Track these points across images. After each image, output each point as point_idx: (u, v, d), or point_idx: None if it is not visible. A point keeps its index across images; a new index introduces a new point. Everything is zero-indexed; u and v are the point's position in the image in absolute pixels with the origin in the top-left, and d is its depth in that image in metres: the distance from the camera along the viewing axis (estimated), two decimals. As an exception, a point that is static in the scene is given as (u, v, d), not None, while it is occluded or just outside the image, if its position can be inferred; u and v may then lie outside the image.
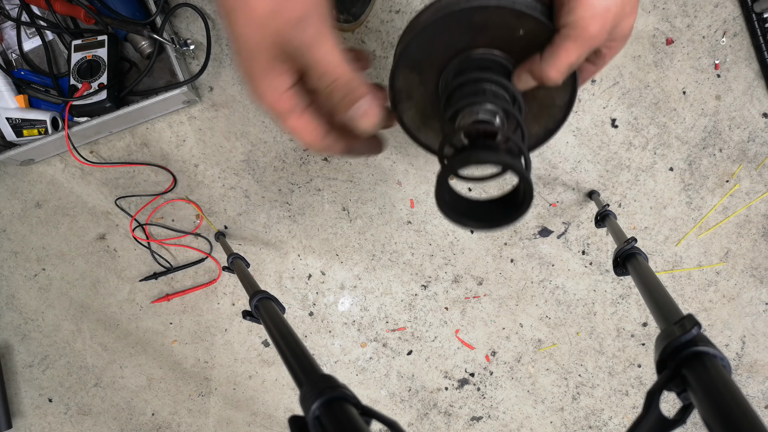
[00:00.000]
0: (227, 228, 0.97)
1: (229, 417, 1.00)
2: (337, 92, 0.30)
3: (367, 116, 0.31)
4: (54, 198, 0.98)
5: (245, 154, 0.95)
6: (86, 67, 0.86)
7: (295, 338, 0.40)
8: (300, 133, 0.34)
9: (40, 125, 0.89)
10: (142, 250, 0.98)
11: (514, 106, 0.37)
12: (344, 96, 0.30)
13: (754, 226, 0.91)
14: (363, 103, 0.30)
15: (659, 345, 0.33)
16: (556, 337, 0.96)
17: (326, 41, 0.29)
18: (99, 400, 1.01)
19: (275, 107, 0.32)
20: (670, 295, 0.42)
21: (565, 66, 0.33)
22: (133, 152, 0.96)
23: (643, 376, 0.96)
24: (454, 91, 0.36)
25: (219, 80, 0.94)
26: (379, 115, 0.31)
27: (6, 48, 0.93)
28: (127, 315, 0.99)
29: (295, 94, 0.32)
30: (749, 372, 0.95)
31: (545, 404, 0.97)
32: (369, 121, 0.31)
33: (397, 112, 0.41)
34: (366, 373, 0.98)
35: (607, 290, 0.94)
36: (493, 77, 0.36)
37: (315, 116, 0.34)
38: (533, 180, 0.92)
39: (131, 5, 0.87)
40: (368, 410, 0.28)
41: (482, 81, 0.36)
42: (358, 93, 0.30)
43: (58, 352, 1.00)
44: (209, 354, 0.99)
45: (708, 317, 0.94)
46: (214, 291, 0.98)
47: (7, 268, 1.00)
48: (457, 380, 0.97)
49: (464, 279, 0.95)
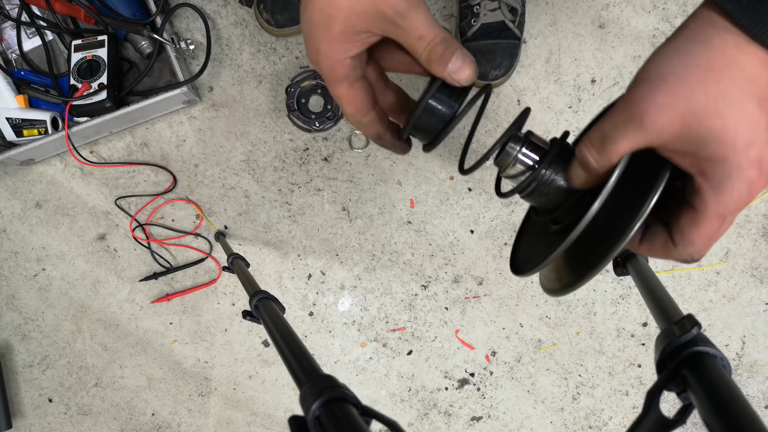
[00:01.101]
0: (227, 228, 0.97)
1: (229, 417, 1.00)
2: (436, 50, 0.33)
3: (463, 69, 0.33)
4: (54, 198, 0.98)
5: (245, 154, 0.95)
6: (86, 67, 0.86)
7: (295, 338, 0.40)
8: (345, 102, 0.36)
9: (40, 125, 0.89)
10: (142, 250, 0.98)
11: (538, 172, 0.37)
12: (442, 53, 0.33)
13: (754, 226, 0.91)
14: (458, 56, 0.33)
15: (659, 345, 0.33)
16: (556, 337, 0.96)
17: (420, 8, 0.32)
18: (99, 400, 1.01)
19: (332, 71, 0.34)
20: (670, 295, 0.42)
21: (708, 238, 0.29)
22: (133, 152, 0.96)
23: (643, 376, 0.96)
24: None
25: (219, 80, 0.94)
26: (474, 66, 0.34)
27: (6, 48, 0.93)
28: (127, 315, 0.99)
29: (354, 65, 0.35)
30: (749, 372, 0.95)
31: (545, 404, 0.97)
32: (465, 72, 0.33)
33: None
34: (366, 373, 0.98)
35: (607, 290, 0.94)
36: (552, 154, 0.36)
37: (364, 91, 0.36)
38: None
39: (131, 5, 0.87)
40: (368, 410, 0.28)
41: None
42: (452, 48, 0.33)
43: (58, 352, 1.00)
44: (209, 354, 0.99)
45: (708, 317, 0.94)
46: (214, 291, 0.98)
47: (7, 268, 1.00)
48: (457, 380, 0.97)
49: (464, 279, 0.95)
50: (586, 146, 0.31)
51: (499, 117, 0.91)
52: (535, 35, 0.90)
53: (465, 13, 0.85)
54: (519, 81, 0.91)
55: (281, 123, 0.94)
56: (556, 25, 0.90)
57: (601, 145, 0.30)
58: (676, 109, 0.26)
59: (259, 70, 0.94)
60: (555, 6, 0.90)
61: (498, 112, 0.91)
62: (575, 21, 0.90)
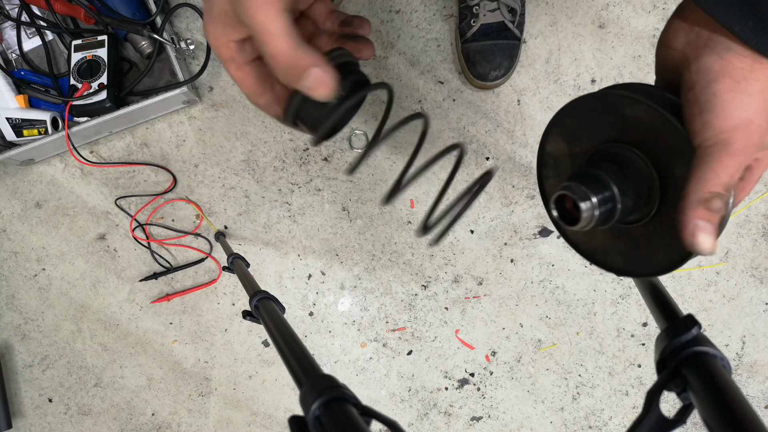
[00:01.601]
0: (227, 228, 0.97)
1: (229, 417, 1.00)
2: (280, 66, 0.29)
3: (318, 87, 0.29)
4: (54, 198, 0.98)
5: (245, 154, 0.95)
6: (86, 67, 0.86)
7: (295, 338, 0.40)
8: (238, 83, 0.34)
9: (40, 125, 0.89)
10: (142, 250, 0.98)
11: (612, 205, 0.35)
12: (288, 70, 0.29)
13: (754, 226, 0.91)
14: (310, 75, 0.29)
15: (659, 345, 0.33)
16: (556, 337, 0.96)
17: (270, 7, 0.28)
18: (99, 400, 1.01)
19: (217, 52, 0.32)
20: (670, 295, 0.42)
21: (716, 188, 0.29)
22: (133, 152, 0.96)
23: (643, 376, 0.96)
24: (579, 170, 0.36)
25: (219, 80, 0.94)
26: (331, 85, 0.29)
27: (6, 48, 0.93)
28: (127, 315, 0.99)
29: (240, 48, 0.32)
30: (749, 372, 0.95)
31: (545, 404, 0.97)
32: (321, 91, 0.29)
33: (540, 176, 0.41)
34: (366, 373, 0.98)
35: (607, 290, 0.94)
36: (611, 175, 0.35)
37: (255, 73, 0.33)
38: (534, 180, 0.92)
39: (131, 5, 0.87)
40: (368, 410, 0.28)
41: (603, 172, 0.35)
42: (302, 65, 0.28)
43: (58, 352, 1.00)
44: (209, 354, 0.99)
45: (708, 317, 0.94)
46: (214, 291, 0.98)
47: (7, 268, 1.00)
48: (457, 380, 0.97)
49: (464, 279, 0.95)
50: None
51: (498, 117, 0.91)
52: (535, 35, 0.90)
53: (464, 14, 0.85)
54: (519, 81, 0.91)
55: (281, 123, 0.94)
56: (556, 25, 0.90)
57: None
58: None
59: (259, 70, 0.93)
60: (555, 6, 0.90)
61: (498, 112, 0.91)
62: (575, 21, 0.90)
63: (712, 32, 0.30)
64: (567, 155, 0.39)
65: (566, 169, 0.40)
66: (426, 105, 0.92)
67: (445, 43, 0.91)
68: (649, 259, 0.38)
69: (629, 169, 0.35)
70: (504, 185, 0.93)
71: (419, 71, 0.92)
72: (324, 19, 0.36)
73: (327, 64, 0.29)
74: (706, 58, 0.30)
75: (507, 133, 0.92)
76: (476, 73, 0.85)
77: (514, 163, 0.92)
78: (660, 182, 0.34)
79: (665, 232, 0.36)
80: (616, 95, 0.34)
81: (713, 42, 0.30)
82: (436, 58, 0.91)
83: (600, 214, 0.34)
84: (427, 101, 0.92)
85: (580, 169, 0.36)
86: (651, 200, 0.35)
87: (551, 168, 0.40)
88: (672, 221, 0.34)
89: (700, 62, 0.31)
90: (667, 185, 0.34)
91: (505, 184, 0.93)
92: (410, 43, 0.91)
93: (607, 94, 0.34)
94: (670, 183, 0.34)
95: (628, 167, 0.35)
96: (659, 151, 0.34)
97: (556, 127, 0.38)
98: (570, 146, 0.38)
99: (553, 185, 0.41)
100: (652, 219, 0.36)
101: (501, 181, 0.93)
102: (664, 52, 0.34)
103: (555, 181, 0.41)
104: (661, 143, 0.33)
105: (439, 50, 0.91)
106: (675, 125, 0.32)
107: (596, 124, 0.36)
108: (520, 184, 0.92)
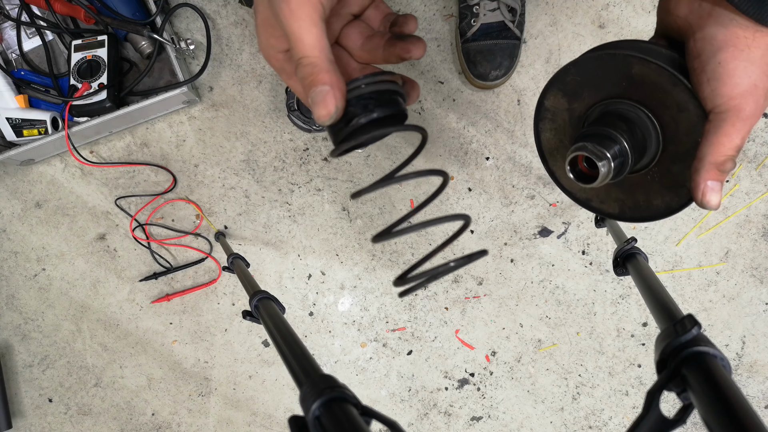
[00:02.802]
0: (227, 228, 0.97)
1: (229, 417, 1.00)
2: (302, 70, 0.29)
3: (321, 105, 0.29)
4: (54, 198, 0.98)
5: (245, 154, 0.95)
6: (86, 67, 0.86)
7: (295, 338, 0.40)
8: (295, 92, 0.34)
9: (40, 125, 0.89)
10: (142, 250, 0.98)
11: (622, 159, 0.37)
12: (305, 79, 0.29)
13: (754, 226, 0.91)
14: (320, 89, 0.29)
15: (659, 345, 0.33)
16: (556, 337, 0.96)
17: (306, 16, 0.28)
18: (99, 400, 1.01)
19: (269, 62, 0.33)
20: (670, 295, 0.42)
21: (730, 151, 0.32)
22: (133, 152, 0.96)
23: (643, 376, 0.96)
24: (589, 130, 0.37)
25: (219, 80, 0.94)
26: (331, 110, 0.29)
27: (6, 48, 0.93)
28: (127, 315, 0.99)
29: (286, 57, 0.33)
30: (749, 372, 0.95)
31: (545, 404, 0.97)
32: (321, 110, 0.29)
33: (536, 129, 0.42)
34: (366, 373, 0.98)
35: (607, 290, 0.94)
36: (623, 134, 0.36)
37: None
38: (534, 179, 0.92)
39: (131, 5, 0.87)
40: (368, 410, 0.28)
41: (613, 130, 0.36)
42: (317, 78, 0.29)
43: (58, 352, 1.00)
44: (209, 354, 0.99)
45: (708, 317, 0.94)
46: (214, 291, 0.98)
47: (7, 268, 1.00)
48: (457, 380, 0.97)
49: (464, 279, 0.95)
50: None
51: (499, 117, 0.91)
52: (535, 35, 0.90)
53: (465, 14, 0.85)
54: (519, 81, 0.91)
55: (281, 123, 0.94)
56: (556, 25, 0.90)
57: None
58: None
59: (259, 70, 0.94)
60: (555, 6, 0.90)
61: (498, 112, 0.91)
62: (575, 21, 0.90)
63: (714, 5, 0.32)
64: (565, 109, 0.40)
65: (563, 122, 0.41)
66: (426, 105, 0.92)
67: (445, 43, 0.91)
68: (646, 206, 0.40)
69: (636, 126, 0.37)
70: (504, 185, 0.93)
71: (419, 71, 0.92)
72: (378, 22, 0.37)
73: (337, 88, 0.29)
74: (711, 28, 0.32)
75: (507, 133, 0.92)
76: (477, 73, 0.85)
77: (514, 163, 0.92)
78: (662, 136, 0.36)
79: (664, 181, 0.38)
80: (625, 55, 0.35)
81: (716, 13, 0.32)
82: (436, 58, 0.91)
83: (614, 171, 0.35)
84: (427, 101, 0.92)
85: (590, 128, 0.37)
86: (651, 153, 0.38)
87: (548, 121, 0.42)
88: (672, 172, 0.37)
89: (705, 31, 0.32)
90: (667, 139, 0.36)
91: (505, 184, 0.93)
92: (410, 43, 0.91)
93: (614, 55, 0.36)
94: (672, 137, 0.36)
95: (635, 124, 0.37)
96: (665, 108, 0.35)
97: (557, 83, 0.39)
98: (569, 101, 0.40)
99: (549, 138, 0.43)
100: (650, 169, 0.38)
101: (501, 181, 0.93)
102: (667, 18, 0.36)
103: (551, 134, 0.42)
104: (669, 101, 0.35)
105: (439, 50, 0.91)
106: (686, 86, 0.33)
107: (600, 82, 0.37)
108: (520, 184, 0.92)
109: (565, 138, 0.42)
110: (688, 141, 0.35)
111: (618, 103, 0.37)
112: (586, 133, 0.37)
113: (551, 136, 0.42)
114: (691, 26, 0.34)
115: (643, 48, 0.36)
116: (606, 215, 0.43)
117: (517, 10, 0.84)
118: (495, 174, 0.93)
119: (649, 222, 0.43)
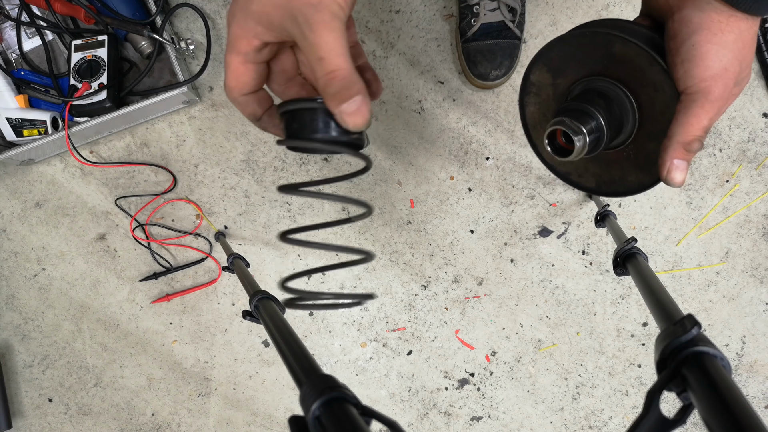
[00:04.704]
0: (227, 228, 0.97)
1: (229, 417, 1.00)
2: (334, 83, 0.29)
3: (356, 115, 0.30)
4: (54, 198, 0.98)
5: (245, 154, 0.95)
6: (86, 67, 0.86)
7: (295, 338, 0.40)
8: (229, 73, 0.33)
9: (40, 125, 0.89)
10: (142, 250, 0.98)
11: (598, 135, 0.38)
12: (340, 89, 0.29)
13: (754, 226, 0.91)
14: (356, 100, 0.29)
15: (659, 345, 0.33)
16: (556, 337, 0.96)
17: (335, 29, 0.29)
18: (99, 400, 1.01)
19: (236, 41, 0.32)
20: (670, 295, 0.42)
21: (698, 132, 0.33)
22: (133, 152, 0.96)
23: (643, 376, 0.96)
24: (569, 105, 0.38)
25: (219, 80, 0.94)
26: (368, 117, 0.30)
27: (6, 48, 0.93)
28: (127, 315, 0.99)
29: (259, 49, 0.33)
30: (749, 372, 0.95)
31: (545, 404, 0.97)
32: (357, 120, 0.30)
33: (521, 102, 0.43)
34: (366, 373, 0.98)
35: (607, 290, 0.94)
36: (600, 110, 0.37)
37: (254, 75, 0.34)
38: (534, 179, 0.92)
39: (131, 5, 0.87)
40: (368, 410, 0.28)
41: (591, 106, 0.37)
42: (353, 90, 0.29)
43: (58, 352, 1.00)
44: (209, 354, 0.99)
45: (708, 317, 0.94)
46: (214, 291, 0.98)
47: (7, 268, 1.00)
48: (457, 380, 0.97)
49: (464, 279, 0.95)
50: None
51: (499, 117, 0.91)
52: (535, 35, 0.90)
53: (465, 14, 0.85)
54: (519, 81, 0.91)
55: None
56: (556, 25, 0.90)
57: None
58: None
59: (259, 70, 0.93)
60: (555, 6, 0.90)
61: (498, 112, 0.91)
62: (575, 21, 0.90)
63: None
64: (549, 84, 0.41)
65: (547, 97, 0.42)
66: (426, 105, 0.92)
67: (445, 43, 0.91)
68: (621, 181, 0.42)
69: (614, 103, 0.38)
70: (504, 185, 0.93)
71: (419, 71, 0.92)
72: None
73: (368, 96, 0.30)
74: (688, 11, 0.34)
75: (507, 133, 0.92)
76: (477, 73, 0.85)
77: (514, 163, 0.92)
78: (639, 114, 0.38)
79: (638, 158, 0.40)
80: (607, 34, 0.36)
81: None
82: (436, 58, 0.91)
83: (589, 146, 0.37)
84: (427, 101, 0.92)
85: (570, 103, 0.38)
86: (628, 130, 0.39)
87: (533, 95, 0.43)
88: (646, 150, 0.39)
89: (683, 13, 0.34)
90: (644, 117, 0.38)
91: (505, 184, 0.93)
92: (410, 43, 0.91)
93: (597, 33, 0.37)
94: (648, 115, 0.38)
95: (613, 101, 0.38)
96: (642, 87, 0.37)
97: (543, 58, 0.40)
98: (554, 77, 0.41)
99: (533, 112, 0.44)
100: (627, 146, 0.40)
101: (501, 181, 0.93)
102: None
103: (535, 108, 0.43)
104: (646, 80, 0.36)
105: (439, 50, 0.91)
106: (662, 66, 0.35)
107: (583, 59, 0.38)
108: (520, 184, 0.92)
109: (549, 112, 0.43)
110: (663, 120, 0.36)
111: (599, 81, 0.38)
112: (566, 108, 0.38)
113: (535, 110, 0.43)
114: (671, 8, 0.35)
115: (626, 28, 0.37)
116: (583, 189, 0.45)
117: (517, 10, 0.84)
118: (495, 174, 0.93)
119: (624, 197, 0.45)
